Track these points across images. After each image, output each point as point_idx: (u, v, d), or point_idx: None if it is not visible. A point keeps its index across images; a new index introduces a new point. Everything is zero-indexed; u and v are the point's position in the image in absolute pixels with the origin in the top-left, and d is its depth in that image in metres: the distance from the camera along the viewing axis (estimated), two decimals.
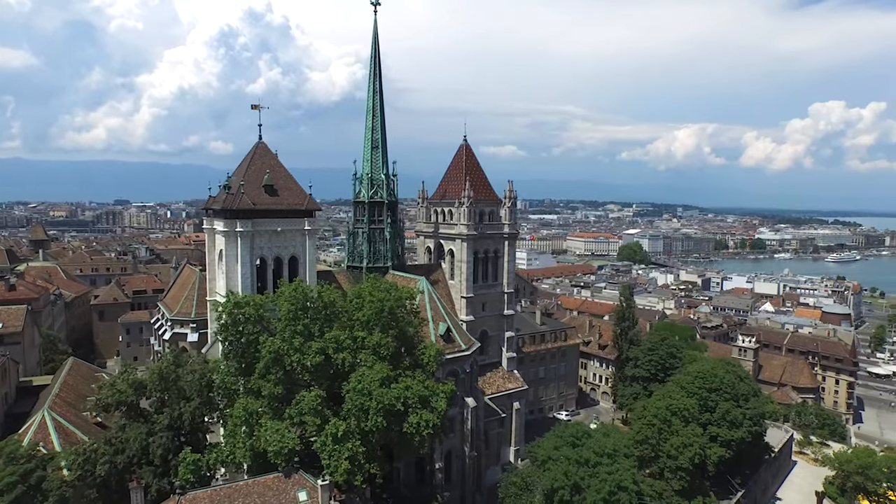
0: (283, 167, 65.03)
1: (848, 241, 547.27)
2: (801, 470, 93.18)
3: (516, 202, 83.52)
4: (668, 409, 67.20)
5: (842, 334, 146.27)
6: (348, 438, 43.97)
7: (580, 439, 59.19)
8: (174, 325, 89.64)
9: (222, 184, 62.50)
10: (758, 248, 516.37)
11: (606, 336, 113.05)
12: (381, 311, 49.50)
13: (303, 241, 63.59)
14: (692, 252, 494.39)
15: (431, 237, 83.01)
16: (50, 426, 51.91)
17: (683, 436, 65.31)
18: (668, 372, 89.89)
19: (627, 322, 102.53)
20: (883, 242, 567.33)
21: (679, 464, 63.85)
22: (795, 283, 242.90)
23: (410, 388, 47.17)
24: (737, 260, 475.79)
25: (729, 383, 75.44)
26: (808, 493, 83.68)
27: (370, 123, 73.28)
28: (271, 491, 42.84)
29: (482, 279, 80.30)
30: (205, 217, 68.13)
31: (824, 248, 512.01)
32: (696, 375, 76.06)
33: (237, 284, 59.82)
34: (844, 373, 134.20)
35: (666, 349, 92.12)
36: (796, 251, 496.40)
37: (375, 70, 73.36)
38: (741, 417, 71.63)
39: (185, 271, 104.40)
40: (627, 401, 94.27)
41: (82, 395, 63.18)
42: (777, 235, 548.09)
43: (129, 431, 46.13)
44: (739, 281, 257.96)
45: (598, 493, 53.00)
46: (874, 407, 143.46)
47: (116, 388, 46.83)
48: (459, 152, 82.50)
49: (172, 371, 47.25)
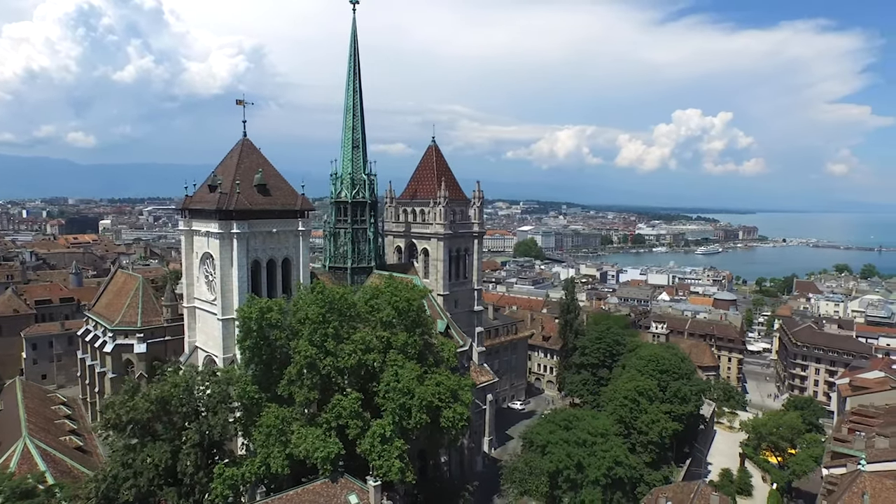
0: (271, 165, 62.79)
1: (711, 235, 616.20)
2: (720, 437, 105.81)
3: (483, 202, 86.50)
4: (635, 391, 73.92)
5: (731, 318, 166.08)
6: (395, 438, 44.45)
7: (571, 423, 63.72)
8: (116, 335, 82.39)
9: (213, 182, 59.00)
10: (638, 242, 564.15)
11: (548, 328, 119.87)
12: (407, 310, 50.12)
13: (296, 242, 61.92)
14: (581, 247, 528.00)
15: (402, 237, 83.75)
16: (35, 454, 47.11)
17: (651, 413, 72.44)
18: (614, 358, 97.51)
19: (572, 314, 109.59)
20: (737, 236, 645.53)
21: (650, 438, 70.78)
22: (682, 273, 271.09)
23: (441, 384, 48.46)
24: (621, 254, 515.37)
25: (675, 364, 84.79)
26: (730, 455, 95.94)
27: (350, 123, 72.66)
28: (322, 497, 42.39)
29: (454, 277, 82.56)
30: (182, 218, 63.67)
31: (693, 241, 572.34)
32: (649, 359, 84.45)
33: (232, 288, 57.13)
34: (735, 351, 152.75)
35: (612, 337, 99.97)
36: (671, 245, 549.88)
37: (354, 69, 72.86)
38: (689, 394, 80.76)
39: (118, 277, 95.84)
40: (577, 387, 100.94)
41: (49, 419, 57.28)
42: (654, 231, 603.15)
43: (151, 451, 42.91)
44: (634, 273, 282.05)
45: (598, 469, 57.82)
46: (753, 379, 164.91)
47: (133, 405, 43.23)
48: (429, 153, 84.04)
49: (199, 383, 44.58)
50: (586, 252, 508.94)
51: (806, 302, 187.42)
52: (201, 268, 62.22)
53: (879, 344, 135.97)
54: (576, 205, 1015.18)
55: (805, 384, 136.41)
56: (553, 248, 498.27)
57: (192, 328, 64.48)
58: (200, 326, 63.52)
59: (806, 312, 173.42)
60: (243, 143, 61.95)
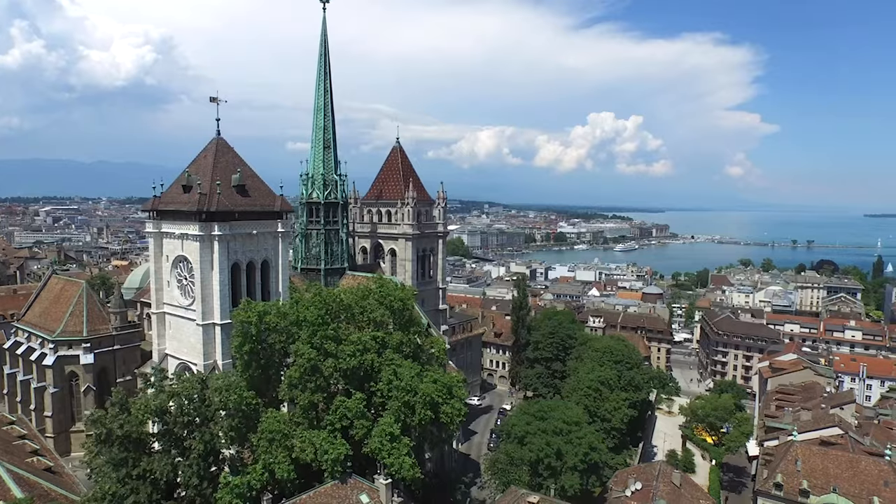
0: (248, 165, 61.04)
1: (627, 233, 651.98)
2: (661, 421, 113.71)
3: (447, 202, 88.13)
4: (598, 380, 78.39)
5: (659, 311, 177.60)
6: (402, 435, 45.13)
7: (546, 413, 66.83)
8: (58, 346, 76.59)
9: (187, 182, 56.58)
10: (560, 240, 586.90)
11: (499, 325, 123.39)
12: (402, 309, 50.84)
13: (275, 244, 60.63)
14: (506, 246, 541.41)
15: (368, 237, 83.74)
16: (7, 478, 43.24)
17: (612, 401, 77.16)
18: (567, 352, 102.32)
19: (524, 310, 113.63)
20: (651, 233, 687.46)
21: (613, 425, 75.36)
22: (609, 270, 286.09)
23: (438, 381, 49.64)
24: (544, 251, 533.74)
25: (627, 355, 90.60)
26: (671, 436, 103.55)
27: (321, 123, 71.88)
28: (335, 500, 42.41)
29: (420, 277, 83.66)
30: (150, 220, 60.39)
31: (611, 239, 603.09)
32: (604, 351, 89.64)
33: (213, 293, 55.19)
34: (664, 342, 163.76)
35: (564, 332, 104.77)
36: (591, 243, 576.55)
37: (325, 69, 72.10)
38: (641, 382, 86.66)
39: (53, 283, 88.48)
40: (532, 381, 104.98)
41: (6, 440, 52.86)
42: (574, 229, 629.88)
43: (149, 464, 41.03)
44: (562, 271, 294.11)
45: (575, 455, 61.18)
46: (678, 367, 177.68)
47: (126, 418, 41.07)
48: (394, 153, 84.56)
49: (200, 391, 43.03)
50: (511, 250, 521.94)
51: (722, 294, 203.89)
52: (173, 272, 59.45)
53: (786, 330, 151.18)
54: (497, 204, 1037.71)
55: (725, 369, 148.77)
56: (479, 247, 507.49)
57: (162, 335, 61.46)
58: (172, 333, 60.70)
59: (722, 304, 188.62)
60: (217, 142, 59.81)
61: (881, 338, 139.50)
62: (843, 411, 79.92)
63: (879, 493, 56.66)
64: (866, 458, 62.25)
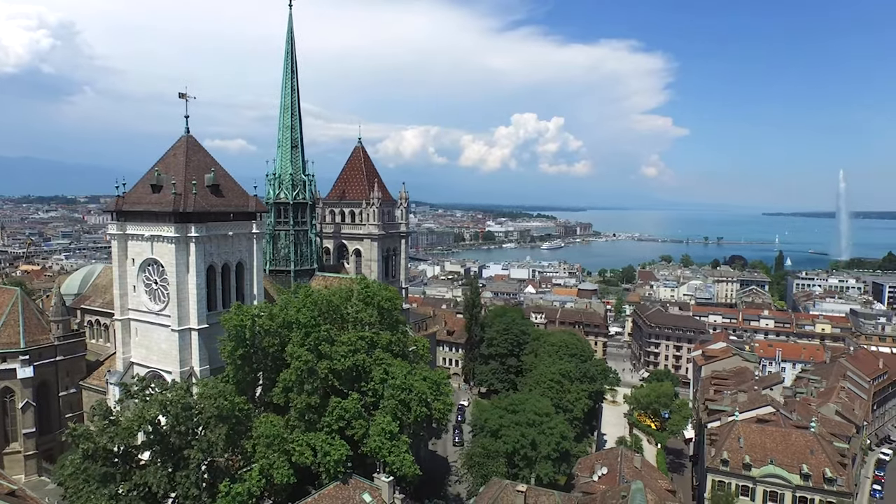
0: (220, 165, 58.99)
1: (553, 231, 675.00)
2: (606, 411, 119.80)
3: (409, 203, 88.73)
4: (559, 373, 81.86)
5: (595, 306, 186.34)
6: (399, 433, 45.74)
7: (517, 406, 69.21)
8: None
9: (157, 182, 53.94)
10: (488, 239, 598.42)
11: (450, 323, 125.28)
12: (391, 310, 51.35)
13: (249, 245, 59.03)
14: (436, 245, 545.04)
15: (331, 238, 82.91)
16: None
17: (573, 392, 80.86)
18: (521, 347, 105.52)
19: (477, 308, 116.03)
20: (576, 232, 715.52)
21: (575, 415, 79.01)
22: (542, 268, 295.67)
23: (427, 378, 50.67)
24: (473, 250, 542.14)
25: (580, 349, 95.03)
26: (618, 425, 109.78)
27: (288, 122, 70.55)
28: (339, 500, 42.59)
29: (384, 277, 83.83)
30: (113, 221, 56.94)
31: (538, 237, 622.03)
32: (560, 345, 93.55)
33: (189, 297, 53.08)
34: (601, 335, 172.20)
35: (518, 328, 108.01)
36: (518, 241, 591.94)
37: (292, 67, 70.79)
38: (595, 373, 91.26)
39: None
40: (487, 377, 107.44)
41: None
42: (502, 228, 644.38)
43: (143, 477, 39.23)
44: (496, 269, 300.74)
45: (548, 445, 63.92)
46: (612, 359, 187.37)
47: (116, 431, 39.01)
48: (356, 154, 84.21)
49: (187, 399, 41.50)
50: (441, 249, 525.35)
51: (650, 289, 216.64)
52: (140, 276, 56.45)
53: (710, 321, 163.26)
54: (424, 203, 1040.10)
55: (658, 359, 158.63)
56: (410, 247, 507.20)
57: (128, 343, 58.13)
58: (139, 340, 57.58)
59: (651, 298, 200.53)
60: (188, 140, 57.41)
61: (789, 325, 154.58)
62: (772, 391, 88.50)
63: (807, 461, 65.45)
64: (795, 431, 70.74)
